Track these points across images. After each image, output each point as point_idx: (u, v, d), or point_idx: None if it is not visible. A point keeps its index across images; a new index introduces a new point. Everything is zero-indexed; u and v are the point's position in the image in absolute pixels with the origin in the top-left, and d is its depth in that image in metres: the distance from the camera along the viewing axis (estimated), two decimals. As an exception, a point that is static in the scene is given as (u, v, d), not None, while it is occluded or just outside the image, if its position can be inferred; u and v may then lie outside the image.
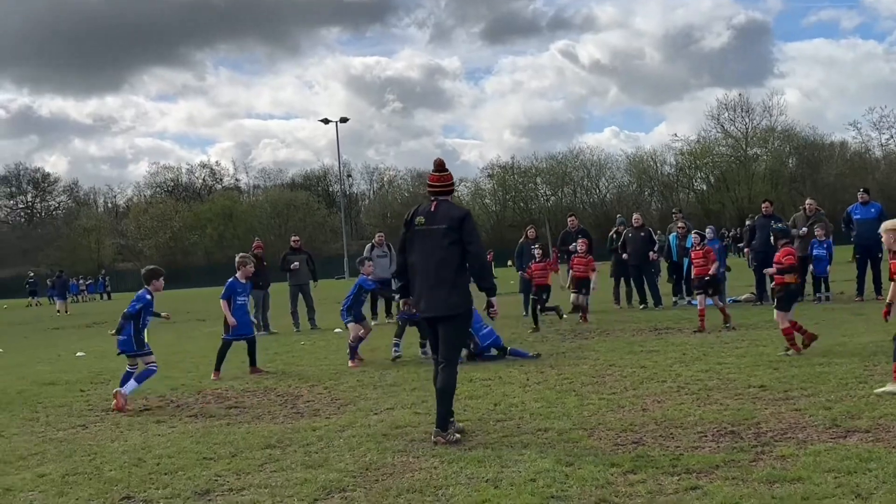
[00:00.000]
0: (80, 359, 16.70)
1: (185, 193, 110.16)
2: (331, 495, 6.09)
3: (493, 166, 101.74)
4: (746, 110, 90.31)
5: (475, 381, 10.64)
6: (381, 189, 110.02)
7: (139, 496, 6.39)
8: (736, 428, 7.28)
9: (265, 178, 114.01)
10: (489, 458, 6.81)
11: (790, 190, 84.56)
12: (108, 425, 9.38)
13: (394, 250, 21.65)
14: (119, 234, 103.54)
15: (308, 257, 21.75)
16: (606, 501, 5.52)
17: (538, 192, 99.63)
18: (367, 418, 8.80)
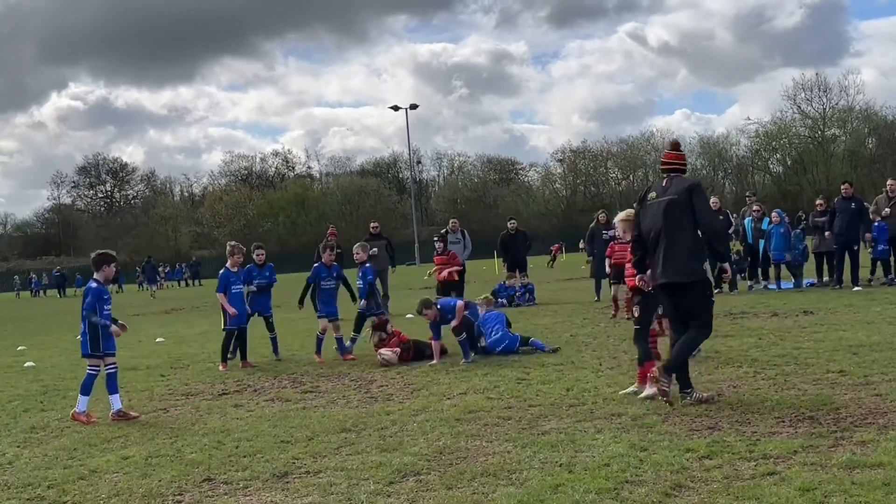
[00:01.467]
0: (159, 344, 17.11)
1: (259, 181, 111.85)
2: (406, 478, 6.16)
3: (564, 150, 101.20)
4: (824, 90, 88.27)
5: (547, 366, 10.63)
6: (450, 175, 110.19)
7: (219, 478, 6.55)
8: (814, 413, 7.16)
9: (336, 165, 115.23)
10: (563, 442, 6.81)
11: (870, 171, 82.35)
12: (189, 409, 9.60)
13: (468, 236, 21.69)
14: (195, 222, 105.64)
15: (387, 243, 21.86)
16: (682, 486, 5.48)
17: (609, 177, 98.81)
18: (440, 403, 8.87)
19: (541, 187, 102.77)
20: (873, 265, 20.00)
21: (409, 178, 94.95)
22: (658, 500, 5.23)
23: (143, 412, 9.55)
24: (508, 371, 10.49)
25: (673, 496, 5.31)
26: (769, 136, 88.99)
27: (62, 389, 11.47)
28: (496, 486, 5.81)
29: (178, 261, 77.32)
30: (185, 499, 6.11)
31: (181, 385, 11.31)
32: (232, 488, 6.26)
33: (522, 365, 10.93)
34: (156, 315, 28.57)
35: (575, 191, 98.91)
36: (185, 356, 14.44)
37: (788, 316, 14.17)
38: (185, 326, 21.56)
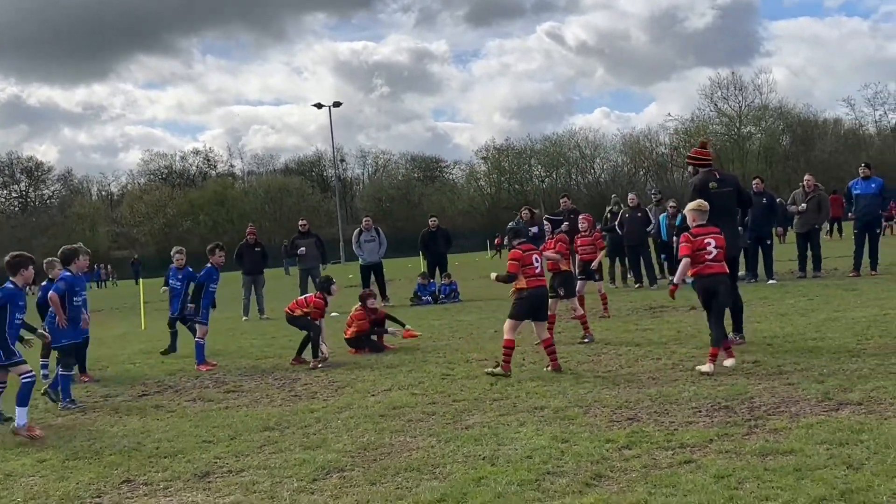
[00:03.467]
0: (77, 346, 16.73)
1: (180, 180, 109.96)
2: (329, 475, 6.15)
3: (488, 148, 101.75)
4: (739, 88, 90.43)
5: (472, 362, 10.70)
6: (375, 173, 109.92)
7: (139, 479, 6.45)
8: (730, 403, 7.34)
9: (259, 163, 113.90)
10: (486, 436, 6.87)
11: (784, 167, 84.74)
12: (107, 411, 9.43)
13: (382, 234, 21.69)
14: (114, 222, 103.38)
15: (317, 240, 21.70)
16: (601, 476, 5.58)
17: (533, 174, 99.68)
18: (365, 399, 8.87)
19: (465, 185, 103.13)
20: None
21: (334, 177, 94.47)
22: (578, 490, 5.31)
23: (60, 415, 9.34)
24: (433, 367, 10.53)
25: (593, 486, 5.40)
26: (688, 134, 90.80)
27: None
28: (420, 480, 5.83)
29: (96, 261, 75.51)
30: (104, 501, 6.00)
31: (100, 387, 11.09)
32: (152, 489, 6.18)
33: (447, 361, 10.98)
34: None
35: (499, 188, 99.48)
36: (103, 358, 14.15)
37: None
38: (103, 329, 21.10)
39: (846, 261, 19.89)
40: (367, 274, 21.42)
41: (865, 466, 5.27)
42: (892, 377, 7.72)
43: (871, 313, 11.88)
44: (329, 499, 5.60)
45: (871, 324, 10.92)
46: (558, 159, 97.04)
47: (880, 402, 6.92)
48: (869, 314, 11.82)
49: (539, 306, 9.86)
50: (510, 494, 5.33)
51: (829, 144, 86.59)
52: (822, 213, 19.65)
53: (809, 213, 19.09)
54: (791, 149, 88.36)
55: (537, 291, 9.80)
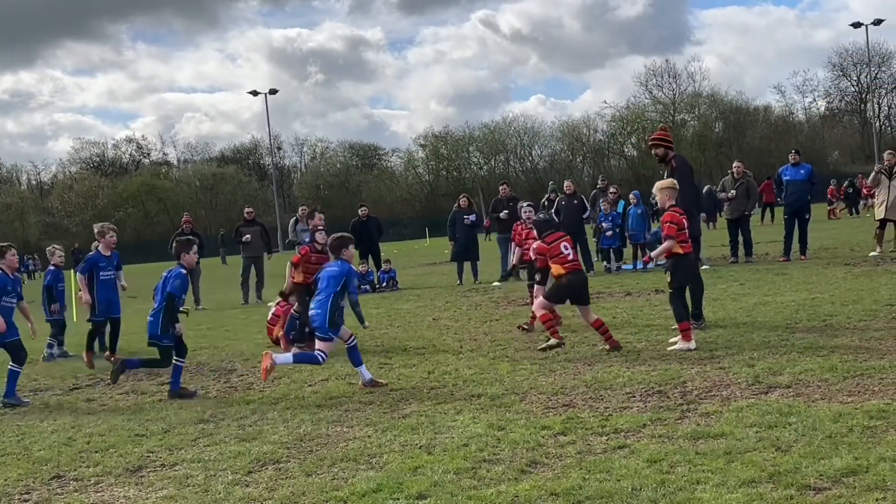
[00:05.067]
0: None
1: (112, 169, 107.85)
2: (265, 467, 6.10)
3: (427, 136, 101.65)
4: (673, 76, 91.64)
5: (409, 351, 10.70)
6: (312, 161, 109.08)
7: (69, 475, 6.33)
8: (663, 388, 7.45)
9: (193, 151, 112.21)
10: (423, 425, 6.87)
11: (717, 154, 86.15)
12: (37, 405, 9.23)
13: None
14: (44, 212, 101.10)
15: (262, 229, 21.39)
16: (537, 463, 5.62)
17: (471, 161, 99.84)
18: (302, 390, 8.81)
19: (403, 172, 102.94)
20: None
21: (271, 165, 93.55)
22: (514, 477, 5.34)
23: (-13, 410, 9.11)
24: (371, 356, 10.50)
25: (528, 472, 5.44)
26: (624, 121, 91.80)
27: None
28: (356, 470, 5.82)
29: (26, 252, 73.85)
30: (33, 497, 5.87)
31: (29, 381, 10.86)
32: (82, 485, 6.06)
33: (384, 350, 10.97)
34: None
35: (438, 175, 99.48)
36: (33, 350, 13.81)
37: (641, 295, 14.68)
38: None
39: (777, 246, 20.30)
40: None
41: (793, 448, 5.39)
42: (819, 360, 7.90)
43: (800, 297, 12.14)
44: (264, 491, 5.55)
45: (800, 308, 11.16)
46: (496, 146, 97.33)
47: (808, 385, 7.08)
48: (798, 298, 12.08)
49: (580, 290, 10.00)
50: (446, 483, 5.34)
51: (760, 131, 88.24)
52: (751, 199, 20.01)
53: (739, 200, 19.41)
54: (724, 135, 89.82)
55: (577, 276, 9.99)
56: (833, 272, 15.16)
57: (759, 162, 66.87)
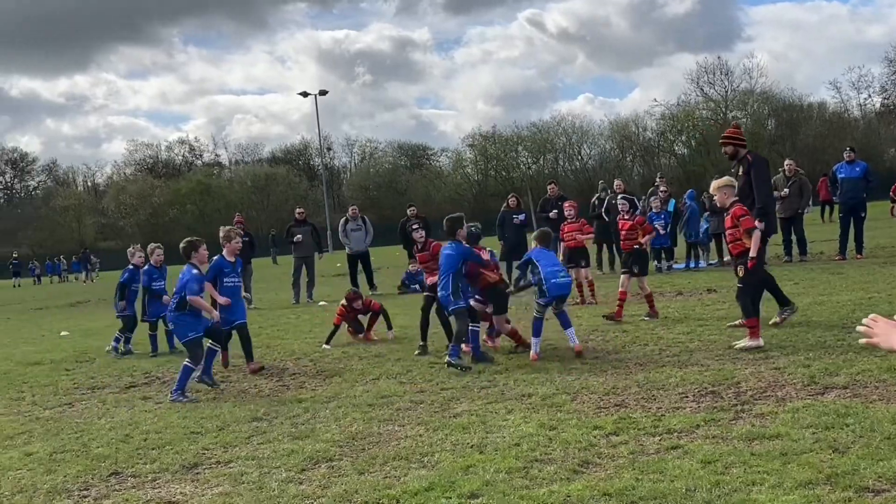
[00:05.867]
0: (64, 338, 16.67)
1: (165, 170, 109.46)
2: (318, 465, 6.15)
3: (475, 136, 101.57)
4: (725, 73, 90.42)
5: (459, 350, 10.70)
6: (361, 161, 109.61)
7: (127, 471, 6.44)
8: (716, 388, 7.38)
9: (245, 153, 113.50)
10: (474, 424, 6.88)
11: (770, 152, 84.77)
12: (95, 403, 9.40)
13: (369, 223, 21.64)
14: (99, 213, 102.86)
15: (313, 229, 21.61)
16: (589, 463, 5.60)
17: (519, 161, 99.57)
18: (353, 389, 8.86)
19: (452, 172, 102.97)
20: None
21: (321, 165, 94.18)
22: (566, 477, 5.33)
23: (46, 407, 9.31)
24: (421, 356, 10.53)
25: (580, 472, 5.42)
26: (674, 119, 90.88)
27: (-39, 387, 11.10)
28: (408, 469, 5.84)
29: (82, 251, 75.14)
30: (92, 493, 5.99)
31: (87, 379, 11.05)
32: (140, 481, 6.17)
33: (435, 349, 10.98)
34: (60, 309, 27.81)
35: (486, 175, 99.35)
36: (90, 349, 14.10)
37: (693, 294, 14.54)
38: (89, 320, 21.05)
39: (832, 245, 19.97)
40: (353, 263, 21.37)
41: (851, 450, 5.30)
42: (877, 361, 7.76)
43: (856, 297, 11.94)
44: (317, 489, 5.60)
45: (857, 307, 10.97)
46: (545, 146, 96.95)
47: (865, 386, 6.96)
48: (854, 297, 11.88)
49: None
50: (498, 482, 5.34)
51: (815, 128, 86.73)
52: (804, 197, 19.73)
53: (791, 198, 19.13)
54: (776, 133, 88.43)
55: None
56: (890, 271, 14.88)
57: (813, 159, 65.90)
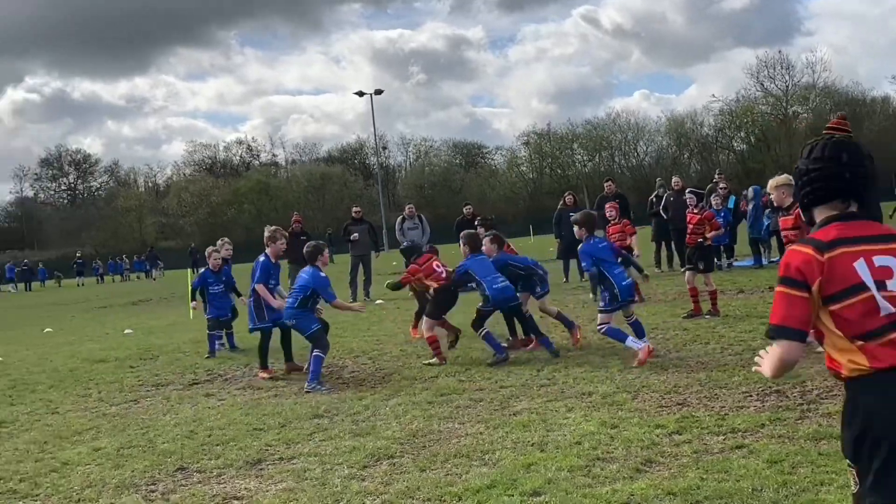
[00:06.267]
0: (127, 336, 16.99)
1: (223, 170, 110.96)
2: (379, 462, 6.19)
3: (529, 134, 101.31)
4: (786, 67, 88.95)
5: (518, 347, 10.68)
6: (416, 160, 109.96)
7: (192, 467, 6.54)
8: (781, 387, 7.26)
9: (301, 152, 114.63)
10: (534, 422, 6.87)
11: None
12: (159, 399, 9.56)
13: (426, 221, 21.69)
14: (160, 213, 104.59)
15: (370, 227, 21.76)
16: (652, 462, 5.56)
17: (575, 158, 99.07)
18: (412, 387, 8.90)
19: (507, 171, 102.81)
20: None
21: (376, 164, 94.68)
22: (629, 476, 5.30)
23: (113, 404, 9.49)
24: (479, 354, 10.54)
25: (643, 471, 5.39)
26: (733, 115, 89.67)
27: (30, 384, 11.37)
28: (469, 466, 5.85)
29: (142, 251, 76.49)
30: (159, 488, 6.10)
31: (151, 376, 11.25)
32: (205, 476, 6.26)
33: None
34: (123, 307, 28.34)
35: (541, 173, 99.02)
36: (154, 347, 14.35)
37: (755, 293, 14.34)
38: (152, 317, 21.42)
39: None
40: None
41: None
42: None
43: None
44: (380, 485, 5.64)
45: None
46: (601, 143, 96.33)
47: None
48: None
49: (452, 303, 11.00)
50: (560, 480, 5.33)
51: (878, 123, 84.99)
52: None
53: None
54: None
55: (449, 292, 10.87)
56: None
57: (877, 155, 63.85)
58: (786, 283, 3.03)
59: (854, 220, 3.08)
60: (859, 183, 3.12)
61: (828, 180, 3.12)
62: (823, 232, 3.07)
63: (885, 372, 2.91)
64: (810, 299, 2.98)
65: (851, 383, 3.01)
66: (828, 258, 2.98)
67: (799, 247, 3.07)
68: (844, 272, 2.96)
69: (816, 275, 2.97)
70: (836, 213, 3.12)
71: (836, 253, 2.99)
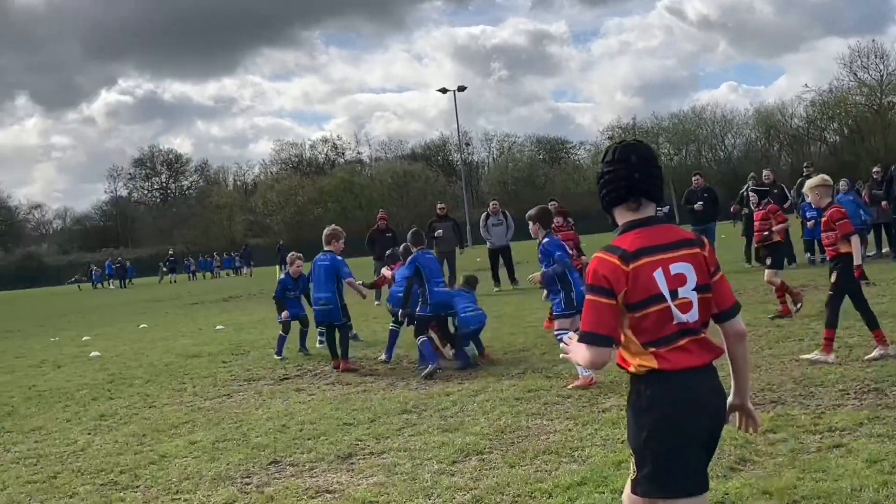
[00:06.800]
0: (219, 332, 17.37)
1: (310, 168, 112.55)
2: (468, 457, 6.22)
3: (614, 128, 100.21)
4: (880, 56, 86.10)
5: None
6: (500, 156, 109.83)
7: (285, 460, 6.67)
8: (879, 385, 7.06)
9: (386, 149, 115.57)
10: (624, 419, 6.79)
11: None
12: (251, 394, 9.76)
13: (510, 217, 21.65)
14: (248, 211, 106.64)
15: (454, 224, 21.89)
16: (746, 460, 5.47)
17: (661, 152, 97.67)
18: (500, 383, 8.90)
19: (591, 165, 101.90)
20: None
21: (459, 161, 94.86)
22: (722, 475, 5.21)
23: (207, 398, 9.72)
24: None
25: (738, 470, 5.30)
26: (825, 106, 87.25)
27: (128, 378, 11.72)
28: (559, 463, 5.84)
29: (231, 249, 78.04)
30: (254, 481, 6.23)
31: (243, 371, 11.49)
32: (298, 470, 6.38)
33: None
34: (214, 303, 28.98)
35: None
36: (245, 343, 14.65)
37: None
38: (243, 314, 21.85)
39: None
40: (494, 257, 21.43)
41: None
42: None
43: None
44: (469, 481, 5.66)
45: None
46: (687, 136, 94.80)
47: None
48: None
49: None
50: (652, 478, 5.27)
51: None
52: None
53: None
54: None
55: None
56: None
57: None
58: (594, 291, 3.18)
59: (654, 226, 3.28)
60: (650, 182, 3.31)
61: (620, 181, 3.31)
62: (629, 240, 3.23)
63: (672, 372, 3.15)
64: (617, 306, 3.15)
65: (638, 378, 3.24)
66: (632, 268, 3.15)
67: (605, 255, 3.20)
68: (646, 283, 3.14)
69: (622, 284, 3.14)
70: (637, 217, 3.30)
71: (640, 263, 3.16)
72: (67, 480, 6.69)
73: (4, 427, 9.04)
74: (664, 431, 3.16)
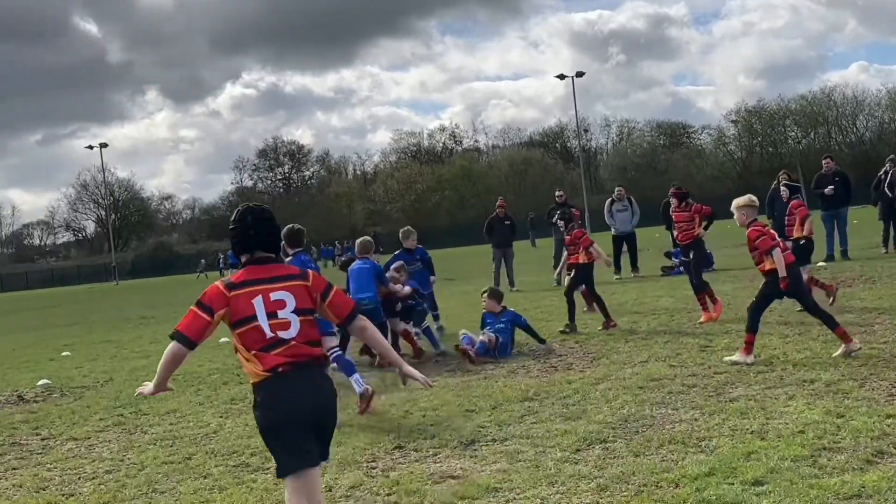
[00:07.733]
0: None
1: (428, 157, 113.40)
2: (591, 446, 6.17)
3: (739, 111, 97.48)
4: None
5: (731, 333, 10.35)
6: (619, 142, 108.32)
7: (409, 446, 6.75)
8: None
9: (503, 137, 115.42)
10: (752, 409, 6.64)
11: None
12: (375, 381, 9.90)
13: (635, 203, 21.30)
14: (368, 200, 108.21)
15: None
16: (884, 453, 5.26)
17: (788, 135, 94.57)
18: (622, 371, 8.80)
19: (714, 150, 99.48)
20: None
21: (577, 147, 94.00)
22: (859, 468, 5.04)
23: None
24: (690, 339, 10.30)
25: (874, 462, 5.11)
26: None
27: (256, 363, 12.04)
28: (685, 453, 5.74)
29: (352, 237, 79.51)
30: (379, 465, 6.33)
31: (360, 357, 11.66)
32: (422, 455, 6.45)
33: (705, 332, 10.70)
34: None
35: (751, 152, 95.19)
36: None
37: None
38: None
39: None
40: (619, 244, 21.11)
41: None
42: None
43: None
44: (593, 469, 5.62)
45: None
46: (816, 119, 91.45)
47: None
48: None
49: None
50: (783, 470, 5.13)
51: None
52: None
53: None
54: None
55: None
56: None
57: None
58: (198, 305, 4.19)
59: (265, 265, 4.27)
60: (262, 238, 4.31)
61: (241, 237, 4.32)
62: (240, 274, 4.25)
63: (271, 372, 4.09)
64: (211, 322, 4.16)
65: (256, 386, 4.18)
66: (233, 295, 4.16)
67: (216, 283, 4.25)
68: (244, 307, 4.13)
69: (222, 305, 4.15)
70: (254, 257, 4.28)
71: (241, 292, 4.16)
72: (201, 462, 6.94)
73: (141, 409, 9.42)
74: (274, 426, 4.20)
